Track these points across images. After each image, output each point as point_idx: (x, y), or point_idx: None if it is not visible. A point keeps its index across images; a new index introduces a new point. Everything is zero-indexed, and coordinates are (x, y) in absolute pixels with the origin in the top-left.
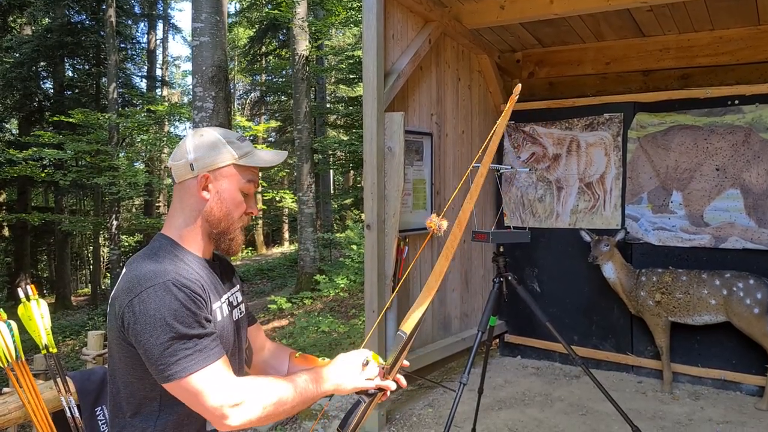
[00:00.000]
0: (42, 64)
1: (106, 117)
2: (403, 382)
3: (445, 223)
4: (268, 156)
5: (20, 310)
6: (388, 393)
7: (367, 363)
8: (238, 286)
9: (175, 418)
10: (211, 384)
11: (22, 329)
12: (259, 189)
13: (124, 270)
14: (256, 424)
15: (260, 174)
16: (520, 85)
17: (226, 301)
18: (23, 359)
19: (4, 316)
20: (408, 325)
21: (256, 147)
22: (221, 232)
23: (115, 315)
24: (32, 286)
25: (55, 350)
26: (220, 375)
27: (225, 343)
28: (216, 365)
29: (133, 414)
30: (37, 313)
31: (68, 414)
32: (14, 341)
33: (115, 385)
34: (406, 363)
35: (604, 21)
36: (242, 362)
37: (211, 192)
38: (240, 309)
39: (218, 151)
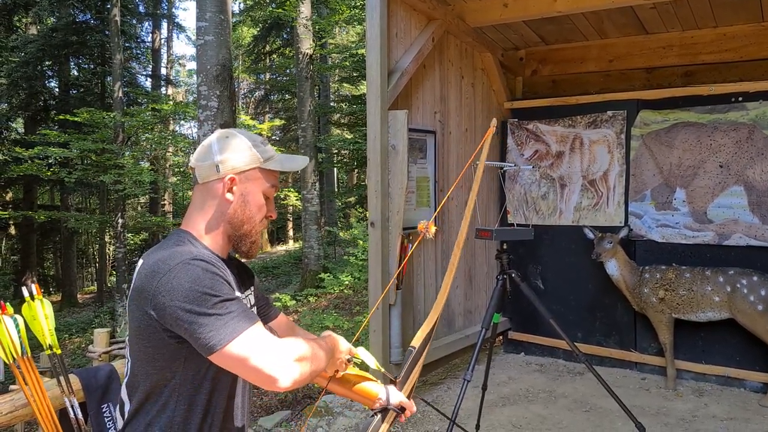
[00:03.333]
0: (47, 63)
1: (111, 116)
2: (413, 408)
3: (433, 228)
4: (292, 161)
5: (24, 309)
6: (407, 414)
7: (349, 360)
8: (252, 288)
9: (190, 408)
10: (258, 345)
11: (26, 328)
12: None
13: (140, 262)
14: (302, 383)
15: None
16: (495, 120)
17: (246, 298)
18: (29, 355)
19: (11, 310)
20: (416, 340)
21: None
22: (243, 234)
23: (139, 305)
24: (36, 285)
25: (59, 351)
26: (265, 336)
27: None
28: (259, 326)
29: (151, 403)
30: (41, 313)
31: (71, 414)
32: (20, 337)
33: (135, 377)
34: (412, 408)
35: (607, 18)
36: None
37: (236, 194)
38: (253, 312)
39: (244, 154)
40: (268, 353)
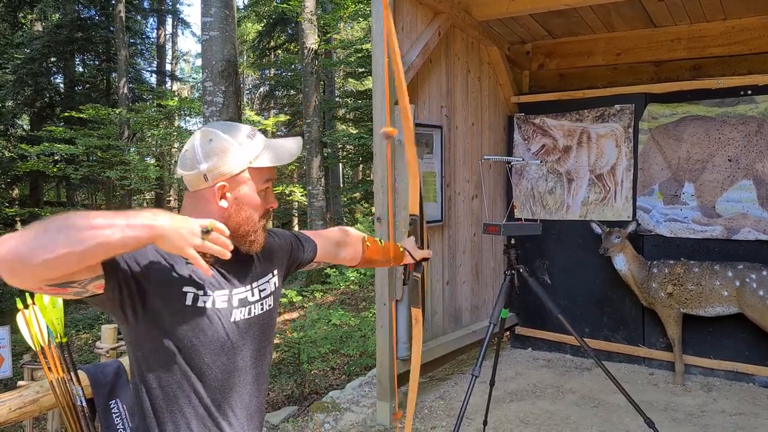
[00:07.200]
0: (52, 59)
1: (117, 112)
2: (429, 253)
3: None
4: (283, 150)
5: (37, 298)
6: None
7: (208, 232)
8: (271, 274)
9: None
10: None
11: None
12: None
13: None
14: (19, 252)
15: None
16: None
17: (248, 291)
18: (56, 343)
19: (42, 303)
20: (413, 208)
21: (265, 135)
22: (242, 235)
23: None
24: None
25: (65, 340)
26: None
27: (215, 333)
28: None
29: (138, 391)
30: (48, 302)
31: (78, 403)
32: (48, 326)
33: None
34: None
35: (614, 11)
36: (263, 358)
37: (230, 201)
38: (263, 303)
39: (232, 157)
40: None
